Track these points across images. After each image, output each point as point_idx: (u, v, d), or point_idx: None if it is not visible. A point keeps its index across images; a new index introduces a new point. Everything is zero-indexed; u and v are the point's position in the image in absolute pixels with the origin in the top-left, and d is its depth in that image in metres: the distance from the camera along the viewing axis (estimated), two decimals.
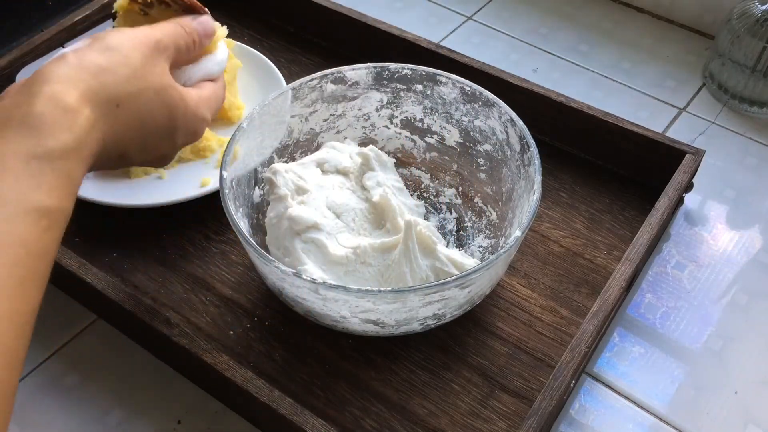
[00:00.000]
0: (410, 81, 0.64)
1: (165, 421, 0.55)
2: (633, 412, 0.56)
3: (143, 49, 0.45)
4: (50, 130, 0.38)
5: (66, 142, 0.39)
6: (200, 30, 0.51)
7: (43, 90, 0.39)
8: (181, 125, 0.48)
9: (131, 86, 0.43)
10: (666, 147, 0.66)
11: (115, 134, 0.43)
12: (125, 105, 0.43)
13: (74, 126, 0.39)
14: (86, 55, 0.42)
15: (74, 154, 0.39)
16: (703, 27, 0.87)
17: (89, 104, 0.41)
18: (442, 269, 0.56)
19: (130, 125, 0.44)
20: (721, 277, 0.64)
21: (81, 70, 0.41)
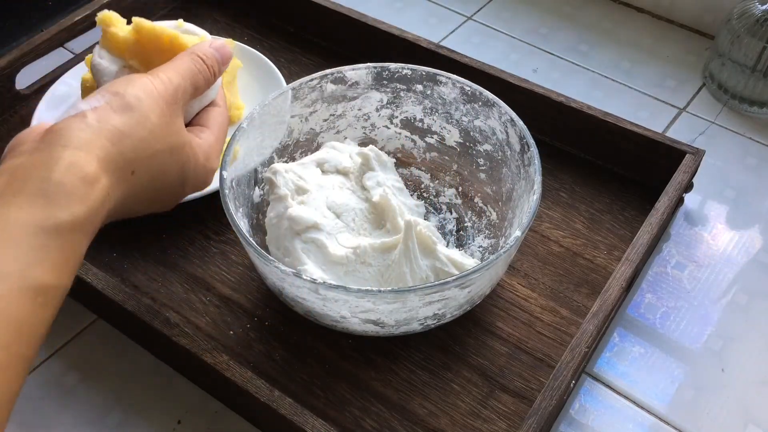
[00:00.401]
0: (410, 81, 0.64)
1: (165, 421, 0.55)
2: (633, 412, 0.56)
3: (162, 105, 0.43)
4: (65, 202, 0.37)
5: (78, 215, 0.37)
6: (218, 57, 0.48)
7: (64, 156, 0.38)
8: (191, 179, 0.47)
9: (148, 150, 0.42)
10: (666, 147, 0.66)
11: (126, 199, 0.42)
12: (140, 170, 0.42)
13: (89, 197, 0.38)
14: (105, 115, 0.41)
15: (84, 227, 0.38)
16: (703, 27, 0.87)
17: (106, 173, 0.40)
18: (442, 269, 0.56)
19: (142, 188, 0.43)
20: (721, 277, 0.64)
21: (100, 134, 0.40)
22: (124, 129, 0.41)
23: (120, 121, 0.41)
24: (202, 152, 0.47)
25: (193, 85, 0.46)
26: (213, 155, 0.48)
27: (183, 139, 0.45)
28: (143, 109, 0.42)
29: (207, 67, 0.47)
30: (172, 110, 0.44)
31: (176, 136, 0.44)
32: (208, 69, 0.47)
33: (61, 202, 0.37)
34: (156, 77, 0.44)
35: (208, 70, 0.47)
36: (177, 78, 0.45)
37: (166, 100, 0.43)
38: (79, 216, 0.37)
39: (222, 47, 0.48)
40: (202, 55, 0.47)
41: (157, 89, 0.43)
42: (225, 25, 0.87)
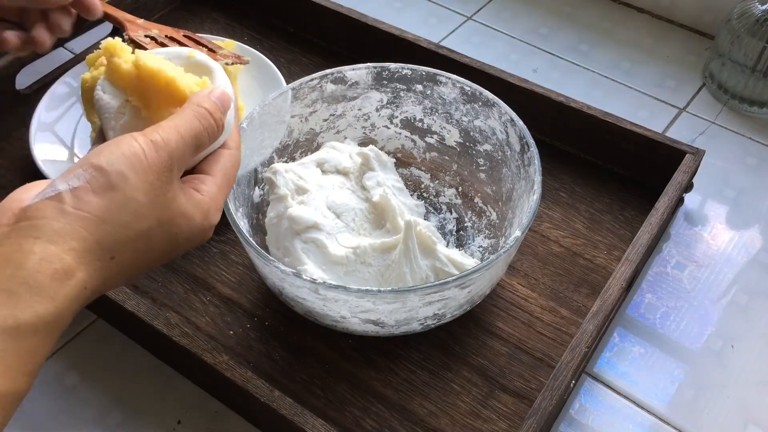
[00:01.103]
0: (410, 81, 0.64)
1: (165, 421, 0.55)
2: (633, 412, 0.56)
3: (152, 179, 0.39)
4: (30, 301, 0.34)
5: (43, 315, 0.34)
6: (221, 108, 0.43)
7: (34, 250, 0.35)
8: (185, 242, 0.42)
9: (131, 233, 0.38)
10: (666, 147, 0.66)
11: (105, 282, 0.39)
12: (121, 254, 0.38)
13: (60, 295, 0.35)
14: (84, 199, 0.37)
15: (49, 327, 0.35)
16: (703, 27, 0.87)
17: (83, 264, 0.36)
18: (442, 269, 0.56)
19: (124, 268, 0.39)
20: (721, 277, 0.64)
21: (77, 223, 0.36)
22: (104, 215, 0.37)
23: (100, 206, 0.37)
24: (200, 212, 0.42)
25: (194, 145, 0.41)
26: (213, 209, 0.43)
27: (175, 211, 0.40)
28: (128, 189, 0.38)
29: (214, 122, 0.42)
30: (163, 181, 0.39)
31: (166, 210, 0.40)
32: (215, 123, 0.42)
33: (25, 302, 0.34)
34: (149, 141, 0.39)
35: (214, 125, 0.42)
36: (175, 139, 0.40)
37: (158, 171, 0.39)
38: (45, 316, 0.34)
39: (222, 96, 0.43)
40: (205, 106, 0.42)
41: (148, 159, 0.39)
42: (225, 25, 0.87)
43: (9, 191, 0.74)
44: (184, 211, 0.41)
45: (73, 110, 0.73)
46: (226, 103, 0.43)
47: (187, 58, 0.46)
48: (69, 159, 0.69)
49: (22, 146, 0.72)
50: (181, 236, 0.41)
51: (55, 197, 0.37)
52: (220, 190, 0.43)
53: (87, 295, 0.37)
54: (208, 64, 0.46)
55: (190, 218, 0.41)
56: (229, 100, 0.43)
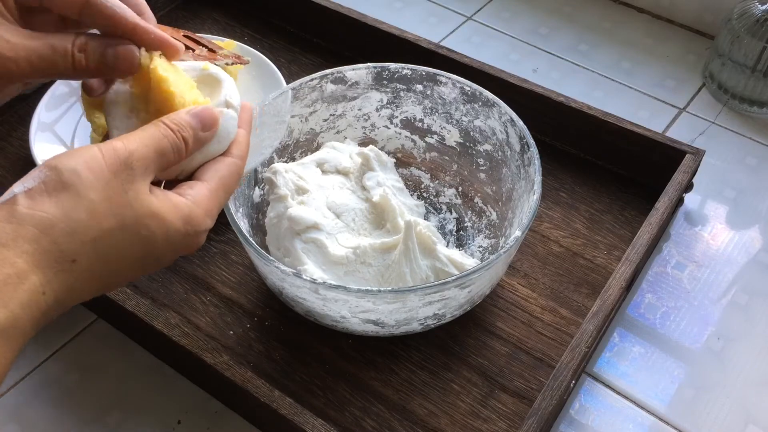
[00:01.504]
0: (410, 81, 0.64)
1: (165, 421, 0.55)
2: (633, 412, 0.56)
3: (108, 177, 0.37)
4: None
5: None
6: (193, 123, 0.41)
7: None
8: (168, 249, 0.40)
9: (89, 232, 0.36)
10: (666, 147, 0.66)
11: (71, 289, 0.37)
12: (83, 257, 0.36)
13: (12, 301, 0.34)
14: (37, 199, 0.36)
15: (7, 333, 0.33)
16: (703, 27, 0.87)
17: (38, 268, 0.35)
18: (442, 269, 0.56)
19: (91, 274, 0.37)
20: (721, 277, 0.64)
21: (29, 224, 0.35)
22: (57, 214, 0.36)
23: (52, 205, 0.36)
24: (179, 214, 0.40)
25: (156, 152, 0.39)
26: (199, 214, 0.41)
27: (141, 210, 0.38)
28: (80, 186, 0.36)
29: (174, 132, 0.40)
30: (123, 179, 0.38)
31: (129, 209, 0.38)
32: (175, 134, 0.40)
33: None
34: (107, 145, 0.39)
35: (178, 142, 0.40)
36: (134, 144, 0.39)
37: (114, 170, 0.38)
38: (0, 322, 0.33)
39: (201, 112, 0.42)
40: (171, 123, 0.41)
41: (105, 159, 0.38)
42: (225, 25, 0.87)
43: None
44: (155, 211, 0.39)
45: (73, 110, 0.73)
46: (207, 120, 0.42)
47: (201, 70, 0.46)
48: None
49: (22, 146, 0.72)
50: (157, 240, 0.39)
51: (9, 200, 0.36)
52: (212, 195, 0.42)
53: (47, 301, 0.35)
54: (218, 77, 0.45)
55: (164, 220, 0.39)
56: (213, 116, 0.42)
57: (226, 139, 0.43)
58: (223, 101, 0.44)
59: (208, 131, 0.42)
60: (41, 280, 0.35)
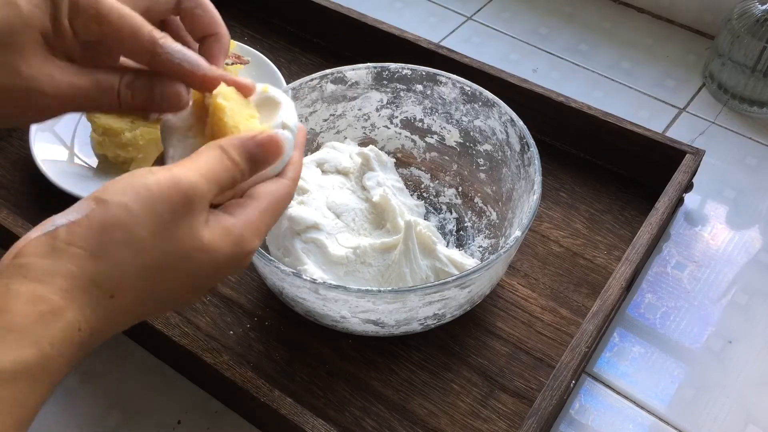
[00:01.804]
0: (410, 81, 0.64)
1: (165, 421, 0.55)
2: (633, 412, 0.56)
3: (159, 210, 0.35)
4: (12, 345, 0.31)
5: (24, 360, 0.31)
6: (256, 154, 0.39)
7: (21, 291, 0.32)
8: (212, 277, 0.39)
9: (133, 270, 0.35)
10: (666, 147, 0.66)
11: (110, 323, 0.35)
12: (123, 293, 0.35)
13: (45, 339, 0.32)
14: (77, 233, 0.34)
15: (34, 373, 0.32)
16: (703, 27, 0.87)
17: (73, 304, 0.33)
18: (442, 269, 0.56)
19: (132, 307, 0.36)
20: (721, 277, 0.64)
21: (68, 259, 0.33)
22: (96, 250, 0.34)
23: (93, 241, 0.34)
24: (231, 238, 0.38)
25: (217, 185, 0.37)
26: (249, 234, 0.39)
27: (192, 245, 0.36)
28: (129, 223, 0.35)
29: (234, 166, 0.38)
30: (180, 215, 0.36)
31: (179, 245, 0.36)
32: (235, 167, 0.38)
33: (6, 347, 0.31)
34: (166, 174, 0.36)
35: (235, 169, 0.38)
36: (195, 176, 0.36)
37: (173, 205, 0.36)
38: (27, 362, 0.31)
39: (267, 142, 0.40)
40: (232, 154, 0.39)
41: (163, 191, 0.35)
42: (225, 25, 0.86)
43: (9, 191, 0.74)
44: (207, 244, 0.37)
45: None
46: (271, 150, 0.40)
47: (261, 93, 0.44)
48: (69, 159, 0.69)
49: (22, 146, 0.72)
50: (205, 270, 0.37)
51: (50, 234, 0.34)
52: (262, 217, 0.39)
53: (84, 338, 0.34)
54: (277, 99, 0.44)
55: (215, 251, 0.37)
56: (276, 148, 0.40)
57: (281, 162, 0.42)
58: (280, 123, 0.42)
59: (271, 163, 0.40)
60: (77, 317, 0.33)
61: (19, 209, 0.67)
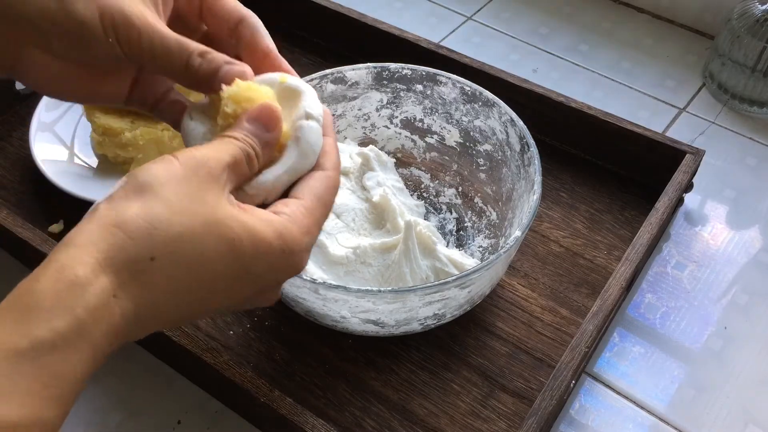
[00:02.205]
0: (410, 81, 0.64)
1: (165, 421, 0.55)
2: (633, 412, 0.56)
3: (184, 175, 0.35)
4: (45, 315, 0.30)
5: (60, 329, 0.30)
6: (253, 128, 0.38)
7: (58, 258, 0.32)
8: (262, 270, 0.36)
9: (171, 228, 0.33)
10: (666, 147, 0.66)
11: (152, 295, 0.33)
12: (163, 255, 0.33)
13: (78, 305, 0.31)
14: (115, 202, 0.34)
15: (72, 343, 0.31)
16: (703, 27, 0.87)
17: (109, 267, 0.32)
18: (442, 269, 0.56)
19: (174, 281, 0.34)
20: (721, 277, 0.64)
21: (103, 221, 0.33)
22: (133, 209, 0.33)
23: (129, 203, 0.34)
24: (273, 231, 0.36)
25: (231, 157, 0.37)
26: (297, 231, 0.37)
27: (223, 212, 0.35)
28: (157, 186, 0.34)
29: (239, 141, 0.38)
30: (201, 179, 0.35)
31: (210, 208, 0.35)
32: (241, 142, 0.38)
33: (39, 317, 0.30)
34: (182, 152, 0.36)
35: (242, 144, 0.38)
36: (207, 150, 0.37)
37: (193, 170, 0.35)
38: (63, 330, 0.30)
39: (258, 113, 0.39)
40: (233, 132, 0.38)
41: (181, 162, 0.35)
42: None
43: (9, 191, 0.74)
44: (239, 217, 0.35)
45: (73, 110, 0.73)
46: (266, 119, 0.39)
47: (279, 83, 0.42)
48: (69, 159, 0.69)
49: (22, 146, 0.72)
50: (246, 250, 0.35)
51: (92, 209, 0.34)
52: (309, 213, 0.38)
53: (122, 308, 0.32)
54: (297, 88, 0.42)
55: (252, 230, 0.35)
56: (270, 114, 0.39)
57: (312, 153, 0.40)
58: (303, 113, 0.41)
59: (273, 131, 0.39)
60: (113, 282, 0.32)
61: (19, 209, 0.67)
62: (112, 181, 0.67)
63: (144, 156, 0.67)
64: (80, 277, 0.31)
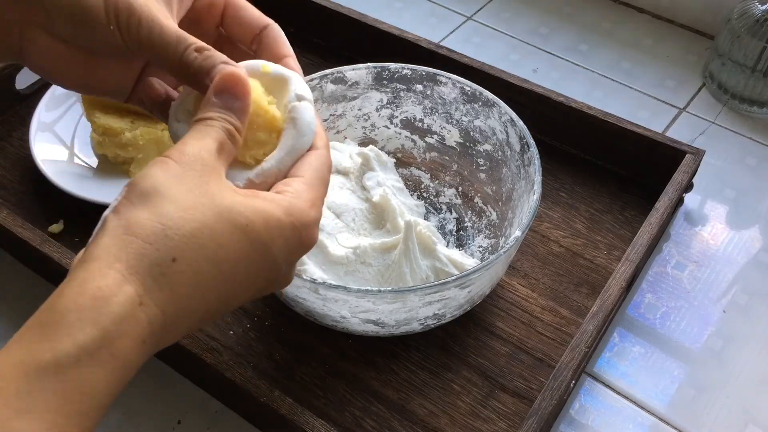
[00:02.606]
0: (410, 81, 0.64)
1: (165, 421, 0.55)
2: (633, 412, 0.56)
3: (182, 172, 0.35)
4: (68, 329, 0.30)
5: (84, 342, 0.30)
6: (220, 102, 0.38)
7: (78, 274, 0.31)
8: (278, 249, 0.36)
9: (185, 225, 0.33)
10: (666, 147, 0.66)
11: (178, 296, 0.33)
12: (183, 254, 0.33)
13: (102, 316, 0.30)
14: (122, 212, 0.33)
15: (97, 356, 0.30)
16: (703, 27, 0.87)
17: (132, 276, 0.32)
18: (442, 269, 0.56)
19: (199, 277, 0.33)
20: (721, 277, 0.64)
21: (118, 232, 0.32)
22: (144, 215, 0.33)
23: (138, 210, 0.33)
24: (280, 207, 0.36)
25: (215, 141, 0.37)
26: (303, 205, 0.37)
27: (229, 199, 0.35)
28: (161, 188, 0.34)
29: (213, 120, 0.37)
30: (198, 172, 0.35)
31: (216, 199, 0.35)
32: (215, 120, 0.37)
33: (63, 330, 0.30)
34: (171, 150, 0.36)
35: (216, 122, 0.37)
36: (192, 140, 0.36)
37: (190, 165, 0.35)
38: (87, 344, 0.30)
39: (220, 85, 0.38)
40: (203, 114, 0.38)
41: (175, 159, 0.35)
42: None
43: (9, 191, 0.74)
44: (245, 201, 0.35)
45: (73, 110, 0.73)
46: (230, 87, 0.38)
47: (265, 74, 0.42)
48: (69, 159, 0.69)
49: (22, 146, 0.72)
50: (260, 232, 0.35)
51: (101, 223, 0.34)
52: (311, 187, 0.39)
53: (149, 315, 0.32)
54: (283, 75, 0.42)
55: (261, 209, 0.35)
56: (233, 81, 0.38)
57: (309, 131, 0.40)
58: (294, 96, 0.41)
59: (242, 98, 0.38)
60: (137, 290, 0.32)
61: (19, 209, 0.67)
62: (112, 181, 0.67)
63: (144, 156, 0.67)
64: (103, 288, 0.31)
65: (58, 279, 0.60)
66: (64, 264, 0.58)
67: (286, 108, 0.40)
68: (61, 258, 0.58)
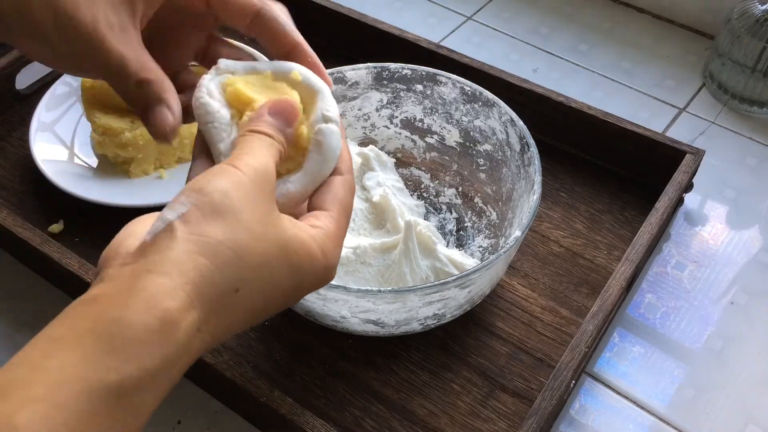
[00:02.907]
0: (410, 81, 0.64)
1: (165, 421, 0.55)
2: (633, 412, 0.56)
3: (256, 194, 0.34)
4: (135, 350, 0.29)
5: (150, 368, 0.29)
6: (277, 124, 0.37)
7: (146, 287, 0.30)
8: (308, 282, 0.36)
9: (254, 258, 0.33)
10: (666, 147, 0.66)
11: (228, 324, 0.33)
12: (245, 286, 0.33)
13: (168, 345, 0.30)
14: (194, 225, 0.32)
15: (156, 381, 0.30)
16: (703, 27, 0.87)
17: (198, 301, 0.31)
18: (442, 269, 0.56)
19: (249, 307, 0.34)
20: (721, 277, 0.64)
21: (193, 248, 0.31)
22: (219, 238, 0.32)
23: (212, 229, 0.32)
24: (319, 246, 0.36)
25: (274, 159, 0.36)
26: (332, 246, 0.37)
27: (288, 234, 0.35)
28: (235, 208, 0.33)
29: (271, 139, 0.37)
30: (267, 197, 0.34)
31: (280, 232, 0.34)
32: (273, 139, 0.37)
33: (130, 351, 0.29)
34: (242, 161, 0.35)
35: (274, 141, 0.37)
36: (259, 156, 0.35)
37: (261, 186, 0.34)
38: (151, 369, 0.29)
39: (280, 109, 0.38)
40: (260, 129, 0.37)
41: (247, 175, 0.34)
42: None
43: (9, 191, 0.74)
44: (299, 237, 0.35)
45: (73, 110, 0.73)
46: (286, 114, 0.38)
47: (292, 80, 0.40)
48: (69, 159, 0.69)
49: (22, 146, 0.72)
50: (303, 270, 0.35)
51: (166, 229, 0.32)
52: (338, 225, 0.38)
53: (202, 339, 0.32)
54: (313, 86, 0.40)
55: (309, 249, 0.35)
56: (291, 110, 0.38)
57: (333, 158, 0.39)
58: (321, 116, 0.39)
59: (292, 127, 0.38)
60: (200, 316, 0.31)
61: (19, 209, 0.67)
62: (112, 181, 0.67)
63: (144, 156, 0.67)
64: (171, 311, 0.30)
65: (58, 279, 0.60)
66: (64, 264, 0.58)
67: (311, 126, 0.39)
68: (61, 258, 0.58)
